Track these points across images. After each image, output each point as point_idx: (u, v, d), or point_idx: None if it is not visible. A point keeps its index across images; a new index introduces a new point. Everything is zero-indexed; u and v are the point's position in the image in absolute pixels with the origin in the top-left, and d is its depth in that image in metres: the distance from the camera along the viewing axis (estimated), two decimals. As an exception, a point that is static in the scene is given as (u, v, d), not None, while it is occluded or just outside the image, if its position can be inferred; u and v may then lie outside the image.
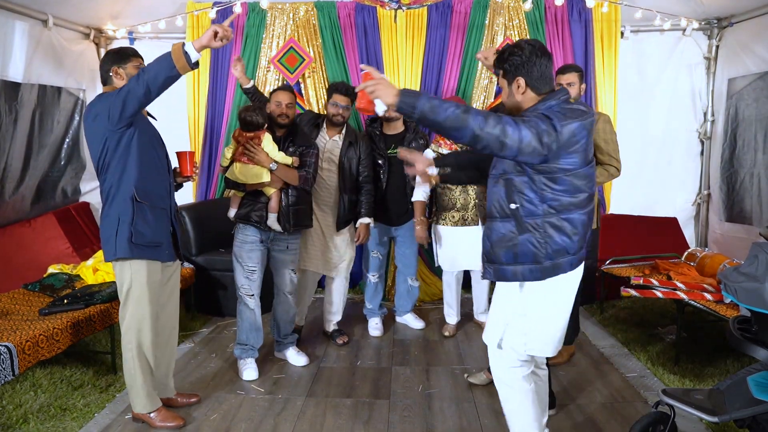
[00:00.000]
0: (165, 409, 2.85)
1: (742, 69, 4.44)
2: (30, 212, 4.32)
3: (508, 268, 2.15)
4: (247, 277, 3.37)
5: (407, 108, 1.93)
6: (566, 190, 2.05)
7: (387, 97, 1.94)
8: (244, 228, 3.36)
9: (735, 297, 2.18)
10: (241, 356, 3.45)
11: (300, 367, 3.55)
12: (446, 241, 3.91)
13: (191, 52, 2.35)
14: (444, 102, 1.93)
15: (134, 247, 2.58)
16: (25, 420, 2.85)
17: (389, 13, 4.64)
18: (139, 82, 2.38)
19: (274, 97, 3.40)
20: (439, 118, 1.91)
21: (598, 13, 4.60)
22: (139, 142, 2.57)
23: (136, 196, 2.57)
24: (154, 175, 2.65)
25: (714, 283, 3.49)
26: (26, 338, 2.80)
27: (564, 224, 2.08)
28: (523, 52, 2.09)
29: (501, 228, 2.15)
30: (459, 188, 3.81)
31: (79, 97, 4.71)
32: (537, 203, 2.06)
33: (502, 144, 1.91)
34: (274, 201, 3.29)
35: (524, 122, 1.95)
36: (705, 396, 2.20)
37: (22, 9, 3.86)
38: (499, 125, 1.90)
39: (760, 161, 4.21)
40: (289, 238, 3.44)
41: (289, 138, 3.40)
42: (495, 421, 2.89)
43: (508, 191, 2.11)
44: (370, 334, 4.12)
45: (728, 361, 3.47)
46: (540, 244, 2.08)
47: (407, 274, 4.20)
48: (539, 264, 2.10)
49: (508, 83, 2.16)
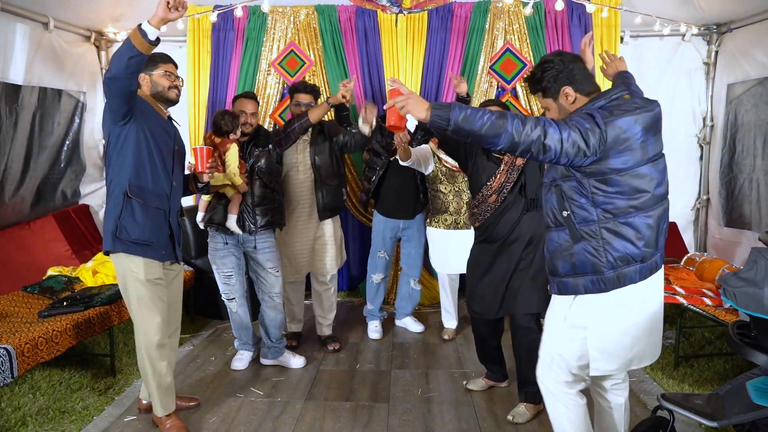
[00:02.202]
0: (177, 420, 2.80)
1: (741, 74, 4.45)
2: (29, 214, 4.32)
3: (567, 280, 2.04)
4: (225, 283, 3.43)
5: (441, 121, 1.83)
6: (621, 192, 1.92)
7: (419, 112, 1.86)
8: (213, 235, 3.41)
9: (734, 302, 2.18)
10: (237, 347, 3.66)
11: (299, 371, 3.55)
12: (438, 243, 3.95)
13: (148, 29, 2.30)
14: (477, 110, 1.84)
15: (117, 241, 2.57)
16: (23, 423, 2.85)
17: (390, 17, 4.65)
18: (111, 69, 2.36)
19: (237, 105, 3.40)
20: (475, 127, 1.82)
21: (598, 18, 4.61)
22: (137, 139, 2.56)
23: (128, 192, 2.56)
24: (152, 173, 2.62)
25: (713, 287, 3.49)
26: (25, 340, 2.80)
27: (624, 229, 1.94)
28: (554, 64, 2.04)
29: (556, 238, 2.06)
30: (452, 192, 3.84)
31: (79, 99, 4.71)
32: (589, 208, 1.95)
33: (543, 147, 1.82)
34: (234, 203, 3.31)
35: (566, 123, 1.86)
36: (704, 401, 2.20)
37: (23, 11, 3.86)
38: (538, 127, 1.82)
39: (759, 166, 4.22)
40: (258, 238, 3.41)
41: (252, 142, 3.42)
42: (494, 425, 2.89)
43: (559, 198, 2.01)
44: (369, 337, 4.12)
45: (727, 366, 3.47)
46: (598, 252, 1.96)
47: (411, 276, 4.20)
48: (600, 274, 1.97)
49: (554, 99, 2.08)
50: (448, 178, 3.83)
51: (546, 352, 2.18)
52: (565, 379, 2.13)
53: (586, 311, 2.04)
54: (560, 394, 2.15)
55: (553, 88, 2.06)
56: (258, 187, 3.38)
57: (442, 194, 3.87)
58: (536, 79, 2.09)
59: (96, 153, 5.01)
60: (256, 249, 3.43)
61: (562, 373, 2.13)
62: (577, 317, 2.06)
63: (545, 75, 2.06)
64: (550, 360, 2.15)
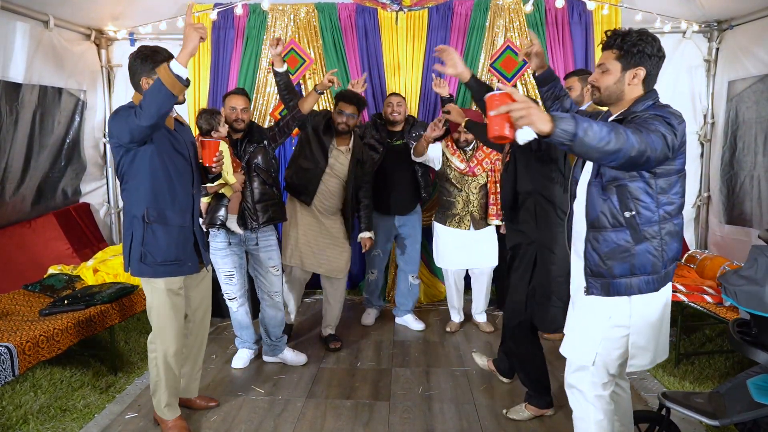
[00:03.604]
0: (180, 420, 2.81)
1: (742, 71, 4.44)
2: (30, 213, 4.32)
3: (621, 281, 1.98)
4: (227, 282, 3.42)
5: (565, 136, 1.65)
6: (679, 192, 1.95)
7: (542, 125, 1.62)
8: (214, 235, 3.39)
9: (735, 300, 2.17)
10: (237, 345, 3.66)
11: (300, 368, 3.55)
12: (443, 239, 3.98)
13: (181, 72, 2.23)
14: (593, 122, 1.68)
15: (145, 267, 2.56)
16: (25, 421, 2.85)
17: (390, 15, 4.64)
18: (144, 117, 2.26)
19: (228, 102, 3.38)
20: (598, 144, 1.67)
21: (599, 15, 4.60)
22: (151, 162, 2.48)
23: (146, 217, 2.52)
24: (170, 193, 2.56)
25: (714, 285, 3.49)
26: (26, 339, 2.80)
27: (677, 229, 1.98)
28: (654, 44, 1.94)
29: (614, 238, 1.97)
30: (459, 193, 3.85)
31: (79, 98, 4.71)
32: (653, 209, 1.93)
33: (647, 158, 1.75)
34: (233, 202, 3.30)
35: (649, 129, 1.79)
36: (705, 399, 2.20)
37: (23, 10, 3.85)
38: (640, 137, 1.73)
39: (760, 164, 4.21)
40: (260, 235, 3.41)
41: (246, 139, 3.40)
42: (495, 422, 2.90)
43: (622, 198, 1.94)
44: (362, 323, 4.22)
45: (728, 363, 3.47)
46: (658, 252, 1.95)
47: (408, 272, 4.21)
48: (657, 274, 1.97)
49: (623, 68, 1.96)
50: (457, 178, 3.85)
51: (583, 356, 2.10)
52: (602, 380, 2.10)
53: (631, 310, 2.02)
54: (595, 398, 2.11)
55: (634, 61, 1.94)
56: (257, 184, 3.37)
57: (449, 192, 3.89)
58: (630, 41, 1.94)
59: (96, 151, 5.01)
60: (258, 246, 3.43)
61: (601, 374, 2.09)
62: (622, 317, 2.02)
63: (641, 44, 1.92)
64: (588, 363, 2.09)
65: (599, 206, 1.98)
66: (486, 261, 4.00)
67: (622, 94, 2.00)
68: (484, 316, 4.25)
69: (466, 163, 3.83)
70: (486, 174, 3.88)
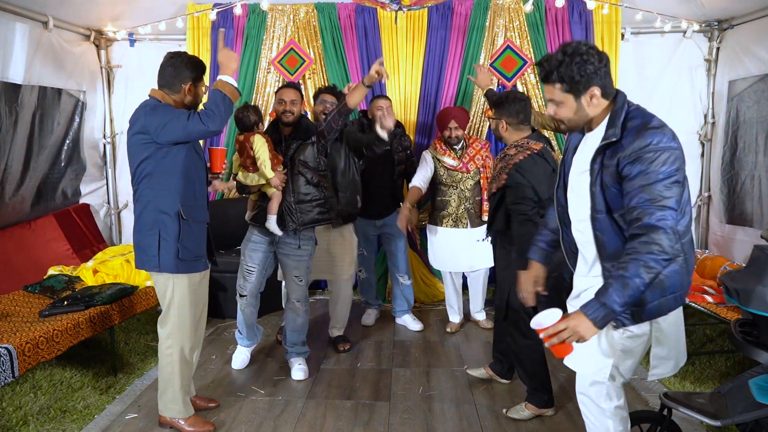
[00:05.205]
0: (195, 415, 2.85)
1: (742, 71, 4.43)
2: (30, 214, 4.31)
3: (652, 305, 1.86)
4: (244, 277, 3.38)
5: (612, 317, 1.71)
6: (687, 201, 1.85)
7: (589, 333, 1.71)
8: (252, 227, 3.37)
9: (736, 300, 2.17)
10: (236, 338, 3.61)
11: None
12: (438, 240, 3.97)
13: (233, 81, 2.56)
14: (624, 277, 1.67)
15: (180, 262, 2.61)
16: (25, 422, 2.85)
17: (390, 15, 4.64)
18: (214, 123, 2.46)
19: (278, 96, 3.31)
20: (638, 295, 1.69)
21: (599, 14, 4.60)
22: (185, 159, 2.58)
23: (182, 214, 2.58)
24: (198, 189, 2.67)
25: (714, 285, 3.49)
26: (26, 340, 2.80)
27: (690, 236, 1.89)
28: (591, 57, 1.76)
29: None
30: (453, 191, 3.85)
31: (79, 98, 4.71)
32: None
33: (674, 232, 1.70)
34: (273, 202, 3.21)
35: (663, 206, 1.69)
36: (707, 399, 2.19)
37: (22, 11, 3.85)
38: (658, 234, 1.67)
39: (761, 163, 4.21)
40: (301, 241, 3.29)
41: (292, 135, 3.29)
42: (495, 422, 2.89)
43: None
44: (362, 323, 4.22)
45: (729, 363, 3.47)
46: (684, 268, 1.86)
47: (396, 272, 4.22)
48: (684, 291, 1.90)
49: (575, 97, 1.82)
50: (450, 177, 3.84)
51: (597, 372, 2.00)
52: (617, 391, 2.02)
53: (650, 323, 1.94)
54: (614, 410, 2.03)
55: (583, 85, 1.79)
56: (300, 183, 3.23)
57: (443, 192, 3.88)
58: (570, 71, 1.78)
59: (96, 152, 5.01)
60: (288, 254, 3.31)
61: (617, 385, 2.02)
62: (638, 327, 1.92)
63: (584, 67, 1.76)
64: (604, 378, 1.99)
65: (617, 240, 1.83)
66: (481, 262, 3.99)
67: (587, 117, 1.87)
68: (484, 314, 4.26)
69: (458, 160, 3.84)
70: (478, 170, 3.89)
